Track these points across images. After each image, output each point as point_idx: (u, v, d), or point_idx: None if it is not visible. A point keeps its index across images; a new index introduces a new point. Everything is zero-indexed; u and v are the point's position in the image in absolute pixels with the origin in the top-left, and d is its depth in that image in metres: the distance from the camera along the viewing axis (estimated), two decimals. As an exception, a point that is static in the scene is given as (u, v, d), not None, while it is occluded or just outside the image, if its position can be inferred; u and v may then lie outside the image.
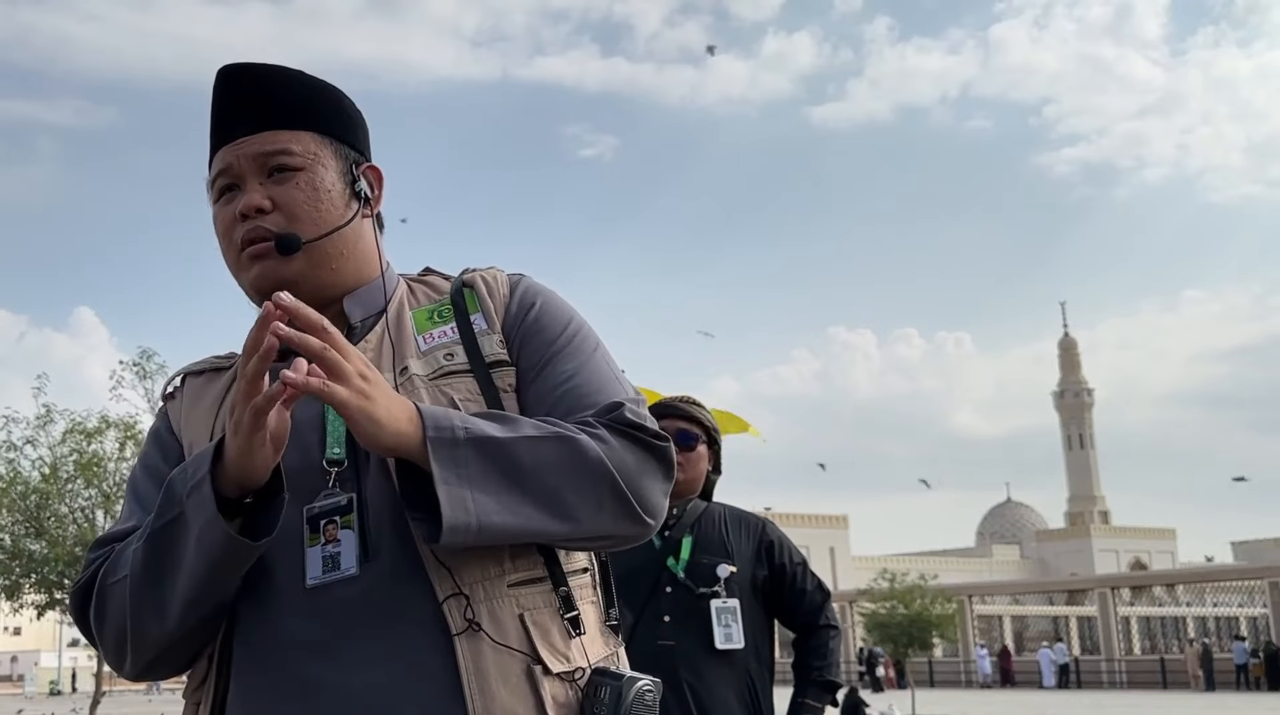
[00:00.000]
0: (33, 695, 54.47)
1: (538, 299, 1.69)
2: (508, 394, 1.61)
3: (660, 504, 1.56)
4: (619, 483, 1.50)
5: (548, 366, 1.62)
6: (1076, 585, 56.55)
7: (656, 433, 1.56)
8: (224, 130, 1.66)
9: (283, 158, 1.62)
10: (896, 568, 38.49)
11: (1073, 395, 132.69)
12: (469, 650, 1.45)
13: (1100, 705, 30.83)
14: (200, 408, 1.70)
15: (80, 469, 14.10)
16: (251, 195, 1.61)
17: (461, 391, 1.58)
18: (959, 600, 43.64)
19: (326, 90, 1.72)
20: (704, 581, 3.68)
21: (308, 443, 1.54)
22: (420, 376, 1.59)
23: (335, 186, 1.65)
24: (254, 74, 1.67)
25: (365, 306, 1.68)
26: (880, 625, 33.19)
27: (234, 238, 1.62)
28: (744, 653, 3.68)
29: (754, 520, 3.96)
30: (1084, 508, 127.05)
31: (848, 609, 46.47)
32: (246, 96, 1.65)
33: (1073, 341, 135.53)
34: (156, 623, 1.48)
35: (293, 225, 1.60)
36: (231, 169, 1.64)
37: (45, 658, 73.50)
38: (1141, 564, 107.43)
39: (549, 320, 1.67)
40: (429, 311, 1.69)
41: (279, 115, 1.64)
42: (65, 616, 15.59)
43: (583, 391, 1.60)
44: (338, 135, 1.69)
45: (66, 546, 13.79)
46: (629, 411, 1.55)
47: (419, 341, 1.65)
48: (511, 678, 1.46)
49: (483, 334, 1.64)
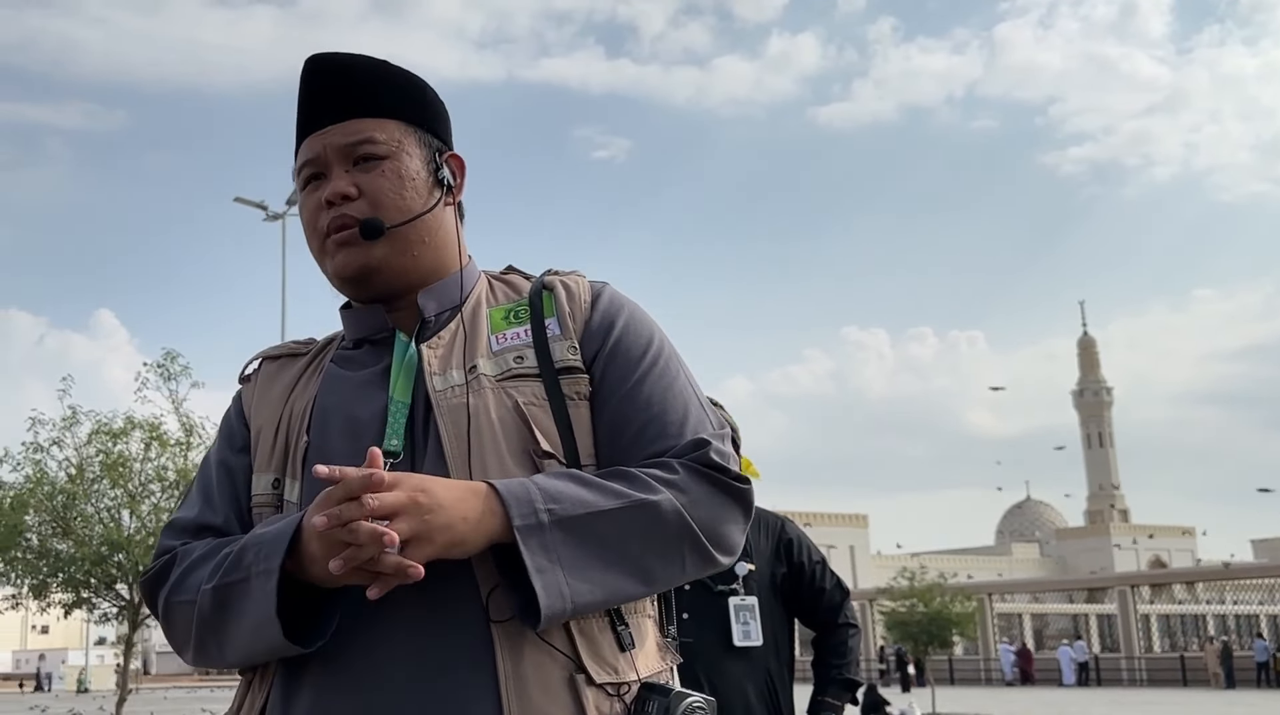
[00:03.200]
0: (59, 693, 54.74)
1: (621, 313, 1.68)
2: (574, 402, 1.60)
3: (738, 542, 1.57)
4: (699, 537, 1.51)
5: (632, 390, 1.61)
6: (1096, 583, 56.31)
7: (738, 476, 1.57)
8: (310, 119, 1.68)
9: (368, 146, 1.64)
10: (916, 566, 38.36)
11: (1092, 394, 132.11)
12: (509, 647, 1.45)
13: (1120, 703, 30.70)
14: (272, 394, 1.73)
15: (106, 470, 14.12)
16: (336, 183, 1.63)
17: (527, 395, 1.58)
18: (979, 598, 43.49)
19: (410, 79, 1.73)
20: (722, 579, 3.68)
21: (369, 433, 1.57)
22: (488, 376, 1.59)
23: (419, 174, 1.66)
24: (339, 63, 1.69)
25: (440, 300, 1.69)
26: (900, 623, 33.08)
27: (318, 225, 1.65)
28: (762, 650, 3.69)
29: (773, 519, 3.97)
30: (1103, 506, 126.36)
31: (868, 607, 46.33)
32: (331, 86, 1.67)
33: (1091, 340, 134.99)
34: (218, 658, 1.56)
35: (377, 212, 1.62)
36: (318, 158, 1.66)
37: (73, 656, 73.73)
38: (1161, 562, 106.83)
39: (633, 338, 1.66)
40: (505, 311, 1.69)
41: (363, 104, 1.66)
42: (92, 615, 15.63)
43: (667, 424, 1.59)
44: (421, 123, 1.70)
45: (93, 546, 13.83)
46: (713, 452, 1.55)
47: (492, 341, 1.64)
48: (552, 683, 1.46)
49: (555, 339, 1.63)
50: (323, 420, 1.62)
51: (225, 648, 1.53)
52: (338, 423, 1.61)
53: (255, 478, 1.66)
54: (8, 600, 15.51)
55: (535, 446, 1.56)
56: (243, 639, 1.49)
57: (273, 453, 1.65)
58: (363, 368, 1.68)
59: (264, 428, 1.69)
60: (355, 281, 1.66)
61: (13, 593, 15.14)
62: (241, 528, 1.64)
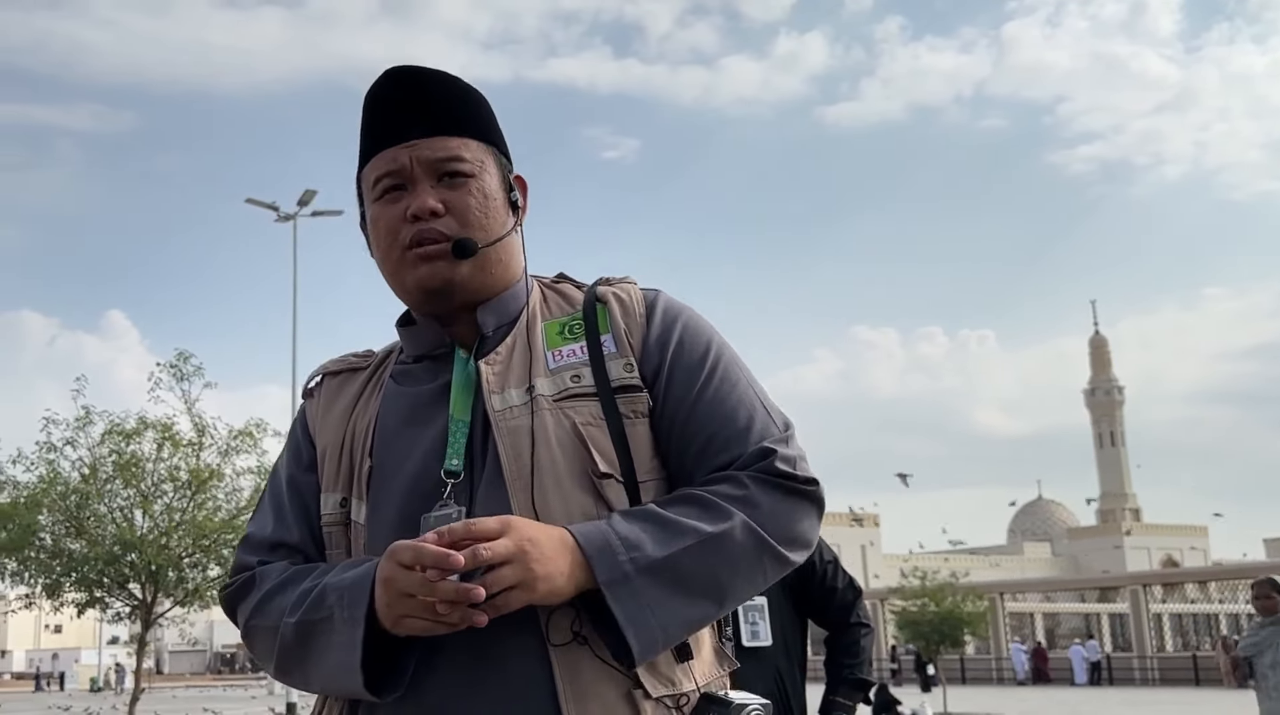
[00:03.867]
0: (71, 692, 54.90)
1: (678, 321, 1.69)
2: (632, 421, 1.60)
3: (813, 537, 1.60)
4: (776, 548, 1.53)
5: (695, 404, 1.62)
6: (1108, 583, 56.21)
7: (806, 478, 1.58)
8: (393, 130, 1.67)
9: (456, 164, 1.65)
10: (928, 565, 38.33)
11: (1103, 393, 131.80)
12: (567, 667, 1.48)
13: (1133, 703, 30.63)
14: (335, 411, 1.75)
15: (119, 470, 14.19)
16: (425, 198, 1.63)
17: (584, 415, 1.59)
18: (990, 598, 43.43)
19: (483, 98, 1.74)
20: None
21: (430, 452, 1.59)
22: (546, 397, 1.60)
23: (498, 195, 1.69)
24: (424, 77, 1.69)
25: (499, 315, 1.70)
26: (911, 623, 33.01)
27: (400, 237, 1.64)
28: (772, 650, 3.68)
29: None
30: (1115, 505, 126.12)
31: (879, 606, 46.28)
32: (418, 100, 1.67)
33: (1103, 339, 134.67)
34: (301, 684, 1.60)
35: (465, 230, 1.63)
36: (402, 169, 1.65)
37: (86, 655, 74.00)
38: (1173, 561, 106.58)
39: (691, 349, 1.66)
40: (560, 325, 1.69)
41: (451, 121, 1.67)
42: (105, 615, 15.69)
43: (732, 436, 1.59)
44: (497, 145, 1.72)
45: (106, 546, 13.89)
46: (779, 460, 1.56)
47: (548, 357, 1.65)
48: (610, 701, 1.48)
49: (611, 357, 1.63)
50: (385, 440, 1.65)
51: (309, 678, 1.57)
52: (400, 443, 1.63)
53: (324, 497, 1.69)
54: (21, 599, 15.57)
55: (594, 467, 1.57)
56: (324, 676, 1.54)
57: (339, 473, 1.68)
58: (422, 384, 1.69)
59: (329, 447, 1.71)
60: (438, 294, 1.65)
61: (26, 592, 15.21)
62: (315, 545, 1.68)
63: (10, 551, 14.35)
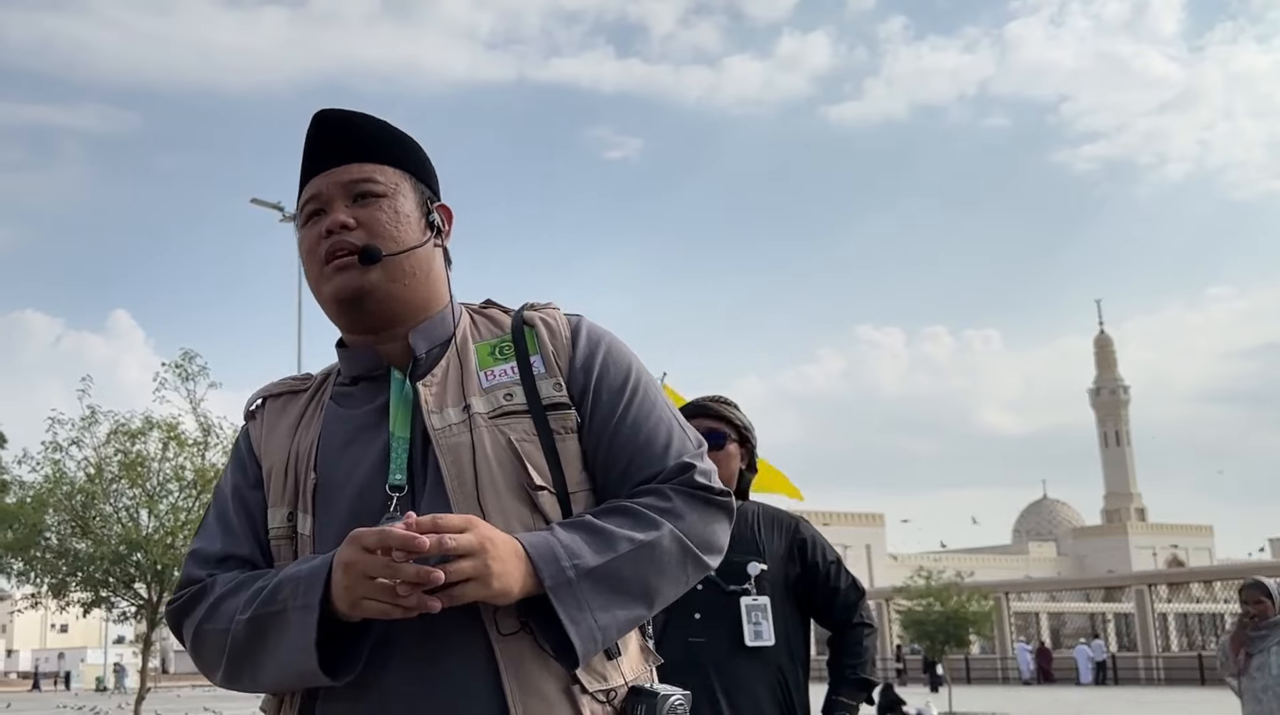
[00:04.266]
0: (78, 691, 54.99)
1: (601, 346, 1.83)
2: (562, 436, 1.74)
3: (724, 543, 1.77)
4: (697, 554, 1.71)
5: (619, 424, 1.77)
6: (1113, 582, 56.15)
7: (720, 491, 1.76)
8: (316, 162, 1.82)
9: (368, 184, 1.79)
10: (933, 565, 38.30)
11: (1109, 392, 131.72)
12: (509, 660, 1.61)
13: (1138, 702, 30.62)
14: (279, 432, 1.85)
15: (124, 469, 14.21)
16: (337, 214, 1.77)
17: (518, 432, 1.72)
18: (995, 597, 43.44)
19: (407, 136, 1.89)
20: (734, 579, 3.69)
21: (374, 467, 1.71)
22: (482, 415, 1.73)
23: (413, 214, 1.81)
24: (344, 115, 1.85)
25: (430, 338, 1.81)
26: (916, 622, 33.02)
27: (318, 253, 1.78)
28: (775, 650, 3.69)
29: (787, 518, 3.97)
30: (1120, 505, 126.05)
31: (884, 606, 46.28)
32: (337, 134, 1.82)
33: (1108, 339, 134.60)
34: (249, 684, 1.69)
35: (374, 240, 1.75)
36: (320, 195, 1.80)
37: (91, 654, 74.19)
38: (1179, 561, 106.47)
39: (614, 372, 1.81)
40: (491, 347, 1.82)
41: (366, 149, 1.81)
42: (111, 614, 15.73)
43: (654, 453, 1.75)
44: (416, 173, 1.85)
45: (111, 545, 13.91)
46: (697, 474, 1.74)
47: (481, 377, 1.78)
48: (551, 694, 1.62)
49: (540, 377, 1.77)
50: (329, 458, 1.75)
51: (258, 674, 1.66)
52: (344, 460, 1.74)
53: (270, 512, 1.79)
54: (27, 599, 15.61)
55: (529, 480, 1.70)
56: (276, 668, 1.63)
57: (284, 488, 1.78)
58: (362, 405, 1.80)
59: (275, 466, 1.81)
60: (350, 302, 1.77)
61: (32, 592, 15.24)
62: (264, 558, 1.77)
63: (16, 551, 14.39)
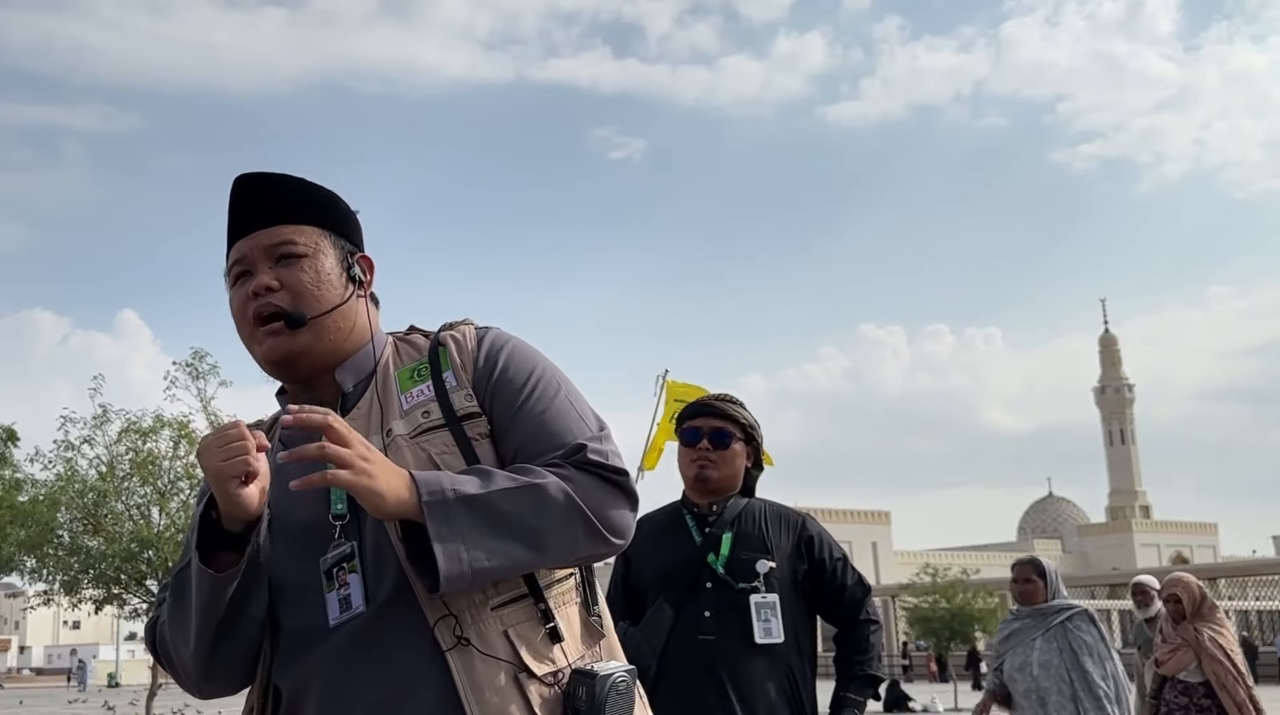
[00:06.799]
0: (89, 687, 55.16)
1: (502, 352, 1.93)
2: (479, 442, 1.85)
3: (627, 525, 1.83)
4: (589, 516, 1.76)
5: (518, 416, 1.86)
6: (1118, 580, 56.15)
7: (615, 468, 1.83)
8: (239, 226, 1.93)
9: (288, 247, 1.89)
10: (938, 563, 38.34)
11: (1113, 391, 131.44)
12: (461, 664, 1.72)
13: (1142, 699, 30.57)
14: None
15: (136, 467, 14.33)
16: (261, 277, 1.87)
17: (438, 446, 1.84)
18: (1001, 594, 43.45)
19: (325, 193, 1.99)
20: (743, 577, 3.73)
21: (318, 500, 1.83)
22: (403, 436, 1.85)
23: (334, 271, 1.92)
24: (264, 179, 1.94)
25: (356, 373, 1.94)
26: (923, 619, 33.12)
27: (247, 314, 1.88)
28: (784, 647, 3.72)
29: (794, 516, 3.99)
30: (1125, 502, 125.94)
31: (890, 604, 46.32)
32: (257, 198, 1.92)
33: (1113, 337, 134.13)
34: (184, 644, 1.81)
35: (298, 302, 1.86)
36: (245, 258, 1.90)
37: (104, 651, 74.38)
38: (1183, 558, 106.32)
39: (515, 371, 1.91)
40: (410, 371, 1.94)
41: (286, 212, 1.91)
42: (122, 611, 15.83)
43: (550, 436, 1.84)
44: (335, 229, 1.95)
45: (123, 543, 14.02)
46: (591, 452, 1.81)
47: (402, 401, 1.90)
48: (501, 684, 1.73)
49: (453, 390, 1.89)
50: (278, 494, 1.83)
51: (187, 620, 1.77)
52: (292, 496, 1.81)
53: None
54: (40, 596, 15.72)
55: None
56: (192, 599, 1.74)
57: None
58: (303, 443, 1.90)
59: None
60: (282, 365, 1.90)
61: (45, 589, 15.35)
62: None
63: (29, 549, 14.51)
